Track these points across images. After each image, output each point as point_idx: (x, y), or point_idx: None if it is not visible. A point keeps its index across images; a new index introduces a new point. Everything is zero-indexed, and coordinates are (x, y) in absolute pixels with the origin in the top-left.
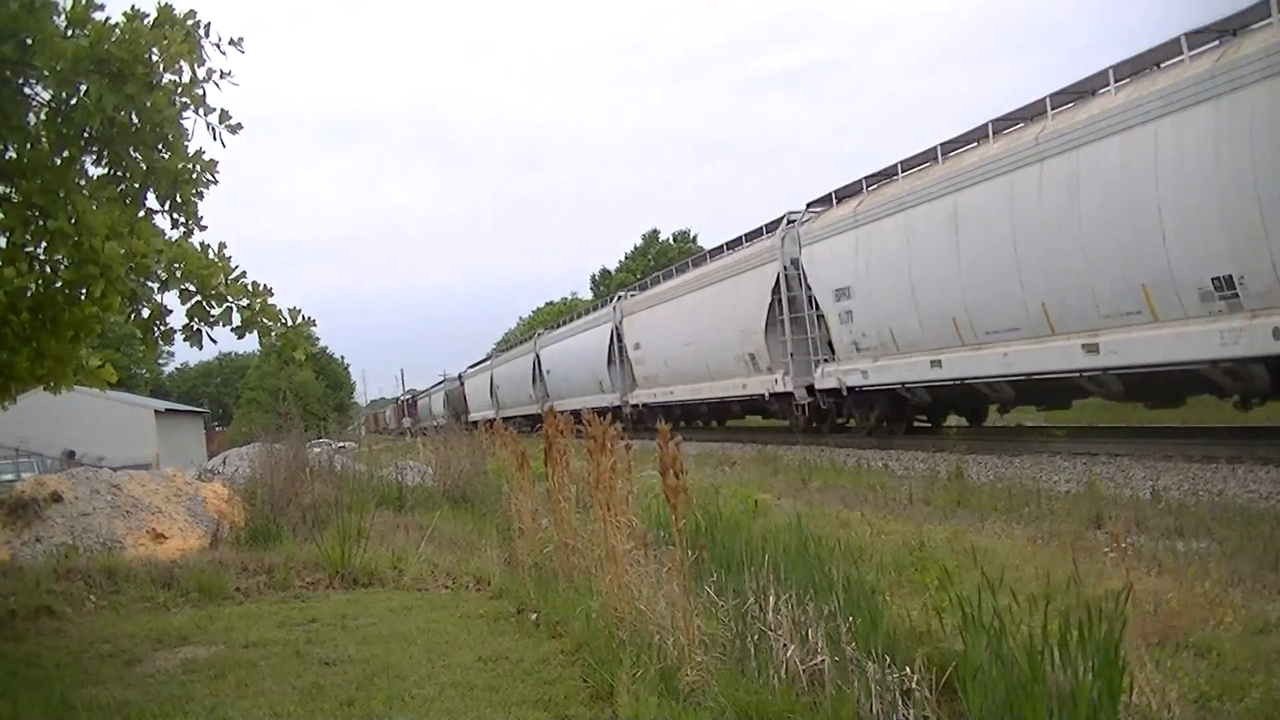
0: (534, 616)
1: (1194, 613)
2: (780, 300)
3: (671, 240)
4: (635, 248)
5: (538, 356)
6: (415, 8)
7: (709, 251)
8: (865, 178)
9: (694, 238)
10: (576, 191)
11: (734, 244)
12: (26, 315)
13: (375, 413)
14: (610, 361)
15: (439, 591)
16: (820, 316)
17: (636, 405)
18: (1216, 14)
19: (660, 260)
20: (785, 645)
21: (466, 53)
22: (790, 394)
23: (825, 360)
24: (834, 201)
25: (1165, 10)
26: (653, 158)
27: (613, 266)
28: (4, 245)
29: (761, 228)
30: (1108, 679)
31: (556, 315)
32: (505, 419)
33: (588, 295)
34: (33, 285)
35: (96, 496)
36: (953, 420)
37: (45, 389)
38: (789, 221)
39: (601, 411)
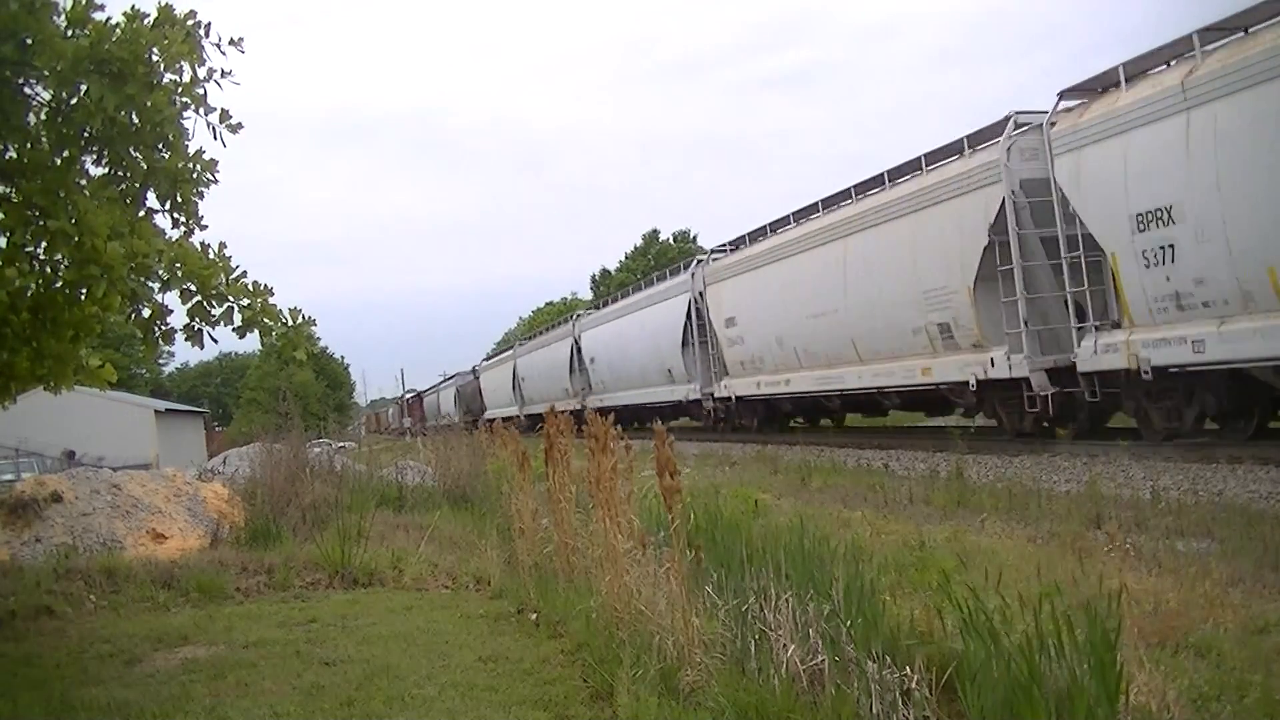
0: (534, 616)
1: (1194, 612)
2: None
3: (672, 240)
4: (635, 248)
5: (577, 342)
6: (415, 9)
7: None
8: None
9: (694, 238)
10: (576, 192)
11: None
12: (27, 315)
13: (377, 412)
14: (686, 344)
15: (439, 591)
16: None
17: (727, 398)
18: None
19: (660, 260)
20: (785, 645)
21: (467, 54)
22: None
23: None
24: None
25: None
26: (653, 158)
27: (613, 267)
28: (4, 245)
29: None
30: (1104, 679)
31: (556, 315)
32: (531, 416)
33: (588, 295)
34: (33, 285)
35: (96, 496)
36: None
37: (45, 389)
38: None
39: (672, 407)
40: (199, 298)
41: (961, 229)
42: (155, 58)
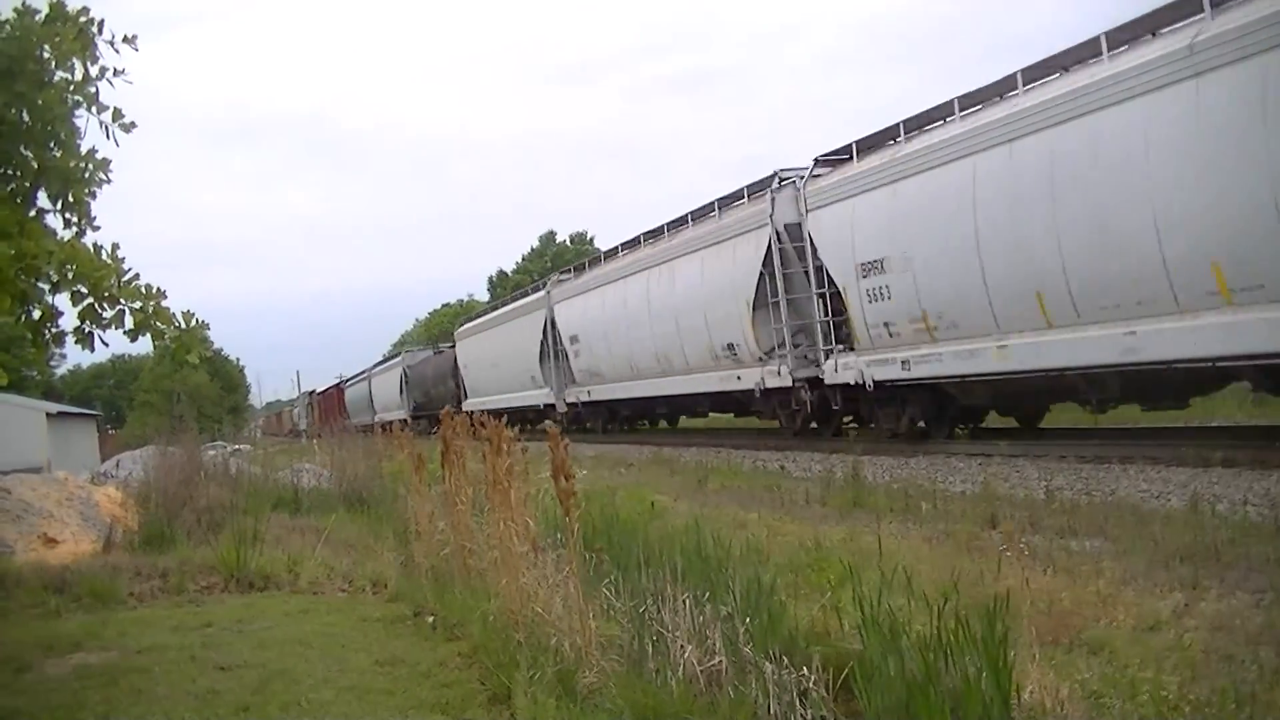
0: (431, 619)
1: (1087, 611)
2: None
3: (569, 242)
4: (532, 249)
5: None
6: (306, 9)
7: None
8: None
9: (591, 239)
10: (472, 194)
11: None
12: None
13: (278, 413)
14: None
15: (335, 595)
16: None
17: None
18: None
19: (557, 262)
20: (683, 646)
21: (359, 56)
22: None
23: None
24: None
25: (1055, 18)
26: (548, 161)
27: (510, 269)
28: None
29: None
30: (997, 678)
31: (453, 318)
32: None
33: (484, 297)
34: None
35: None
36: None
37: None
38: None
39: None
40: (90, 300)
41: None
42: (46, 55)
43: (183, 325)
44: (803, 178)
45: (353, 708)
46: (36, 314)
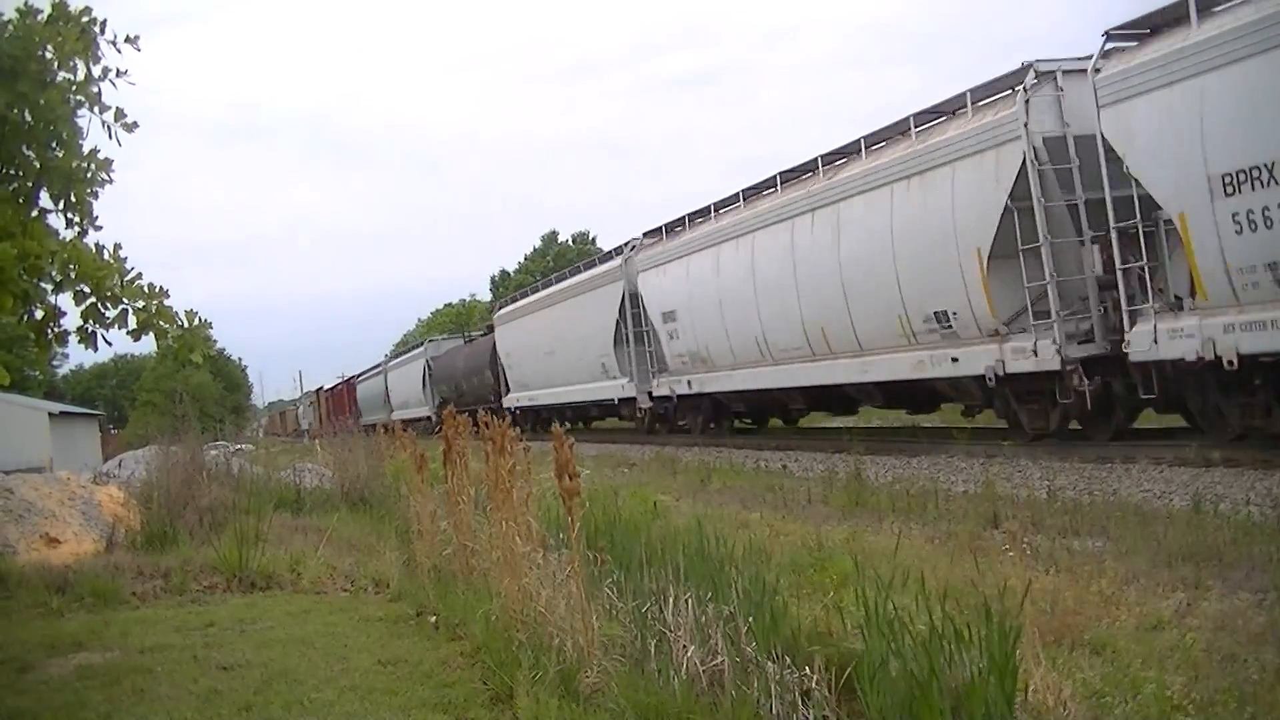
0: (433, 619)
1: (1089, 611)
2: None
3: (571, 242)
4: (534, 249)
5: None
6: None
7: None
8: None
9: (593, 239)
10: (475, 194)
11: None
12: None
13: (282, 412)
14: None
15: (337, 594)
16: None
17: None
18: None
19: (560, 261)
20: (685, 646)
21: (362, 56)
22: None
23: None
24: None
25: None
26: (551, 161)
27: (512, 268)
28: None
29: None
30: (1001, 677)
31: (455, 318)
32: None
33: (487, 297)
34: None
35: None
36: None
37: None
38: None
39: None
40: (93, 300)
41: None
42: (49, 55)
43: (185, 324)
44: (1089, 62)
45: (355, 707)
46: (39, 314)
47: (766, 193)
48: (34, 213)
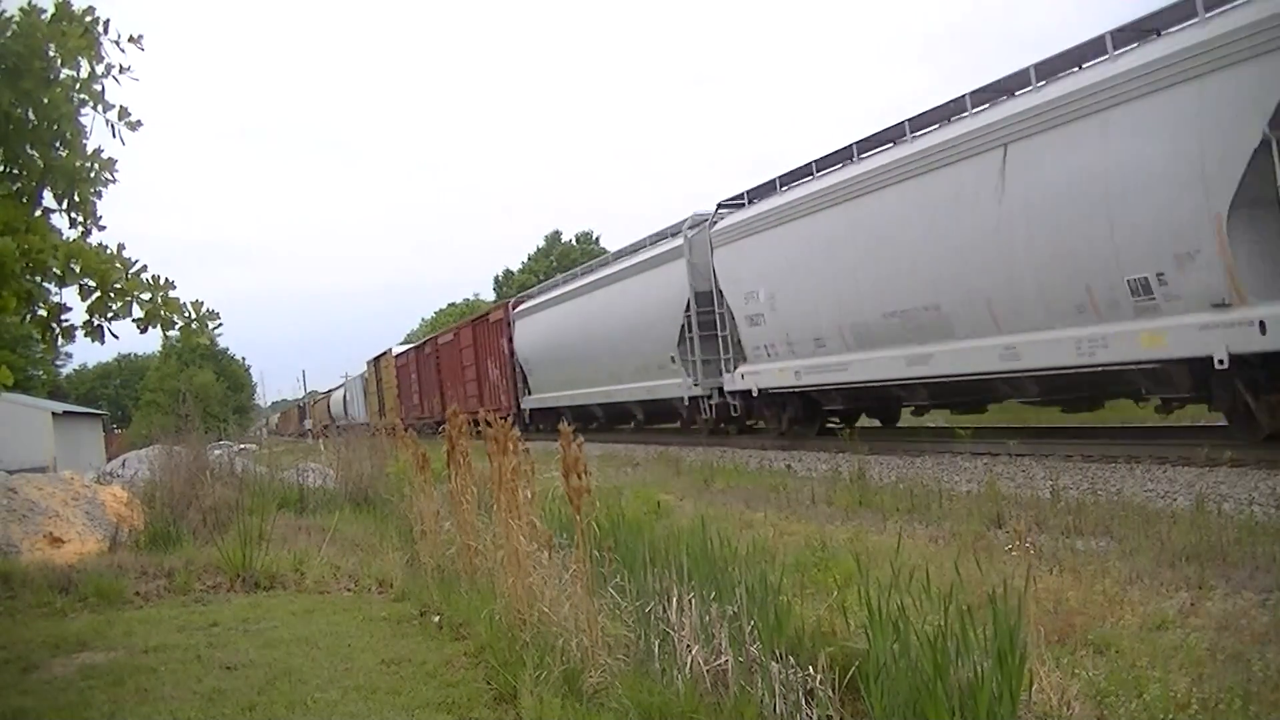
0: (437, 619)
1: (1093, 610)
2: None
3: (574, 241)
4: (538, 248)
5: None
6: (318, 10)
7: None
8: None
9: (596, 239)
10: (477, 194)
11: None
12: None
13: (302, 405)
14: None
15: (341, 594)
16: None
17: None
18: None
19: (562, 261)
20: (689, 646)
21: (369, 56)
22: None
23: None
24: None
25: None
26: (553, 161)
27: (515, 268)
28: None
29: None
30: (1007, 676)
31: (458, 317)
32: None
33: (490, 297)
34: None
35: None
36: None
37: None
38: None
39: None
40: (98, 293)
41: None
42: (52, 53)
43: (192, 314)
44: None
45: (359, 707)
46: (43, 312)
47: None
48: (37, 212)
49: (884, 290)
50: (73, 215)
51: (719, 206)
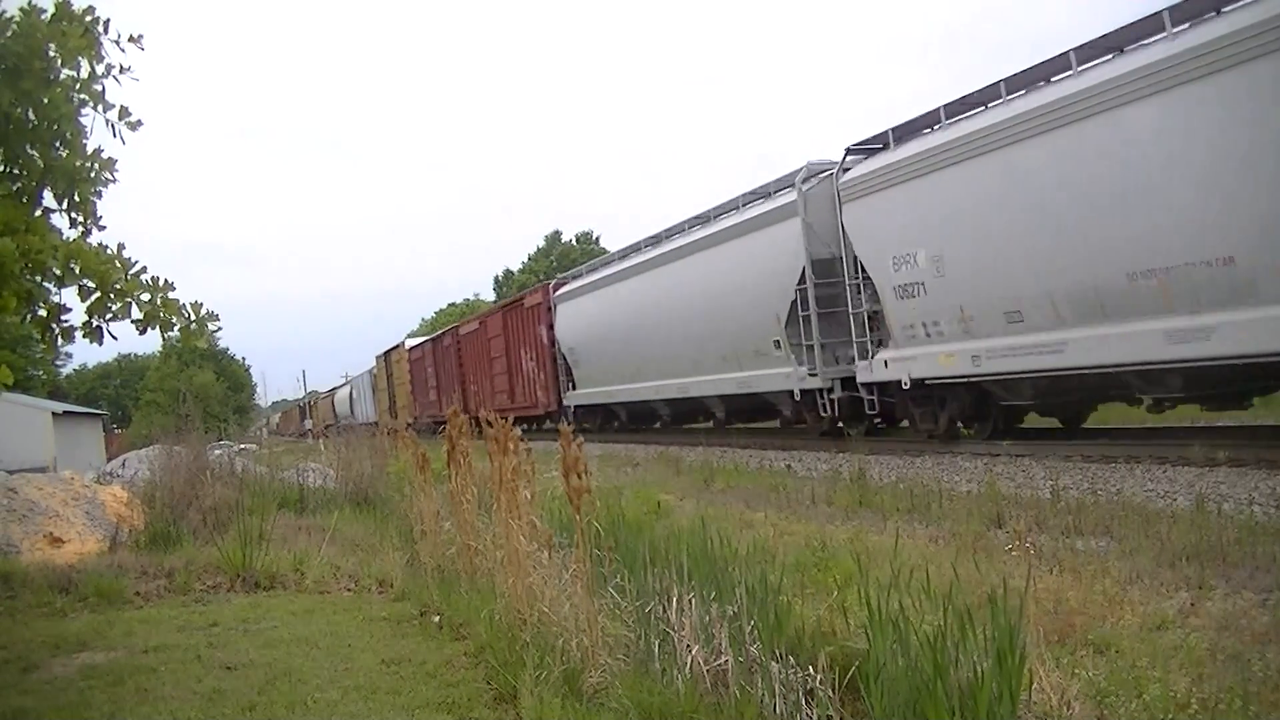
0: (437, 619)
1: (1093, 610)
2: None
3: (574, 241)
4: (538, 249)
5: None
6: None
7: None
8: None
9: (597, 239)
10: (477, 194)
11: None
12: None
13: (286, 410)
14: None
15: (341, 594)
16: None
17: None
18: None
19: (562, 261)
20: (689, 646)
21: (369, 56)
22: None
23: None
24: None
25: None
26: (554, 161)
27: (515, 268)
28: None
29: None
30: (1007, 676)
31: (458, 317)
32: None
33: (490, 298)
34: None
35: None
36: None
37: None
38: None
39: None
40: (98, 294)
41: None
42: (52, 53)
43: (191, 315)
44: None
45: (359, 707)
46: (43, 312)
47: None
48: (38, 212)
49: (1132, 242)
50: (73, 215)
51: (848, 152)
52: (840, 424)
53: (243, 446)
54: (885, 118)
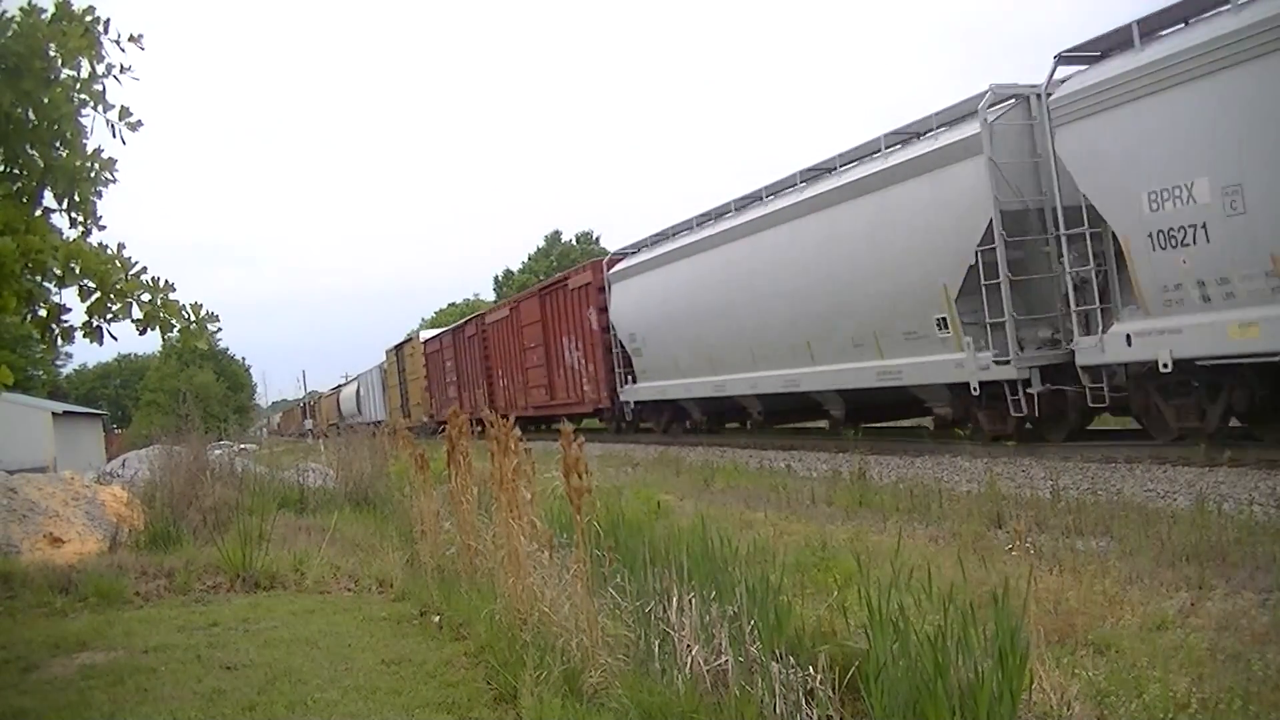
0: (437, 619)
1: (1093, 610)
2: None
3: (574, 241)
4: (538, 248)
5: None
6: (319, 10)
7: None
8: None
9: (597, 239)
10: (477, 194)
11: None
12: None
13: (300, 405)
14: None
15: (341, 594)
16: None
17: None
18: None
19: (562, 261)
20: (689, 646)
21: (368, 54)
22: None
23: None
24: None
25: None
26: (554, 160)
27: (515, 268)
28: None
29: None
30: (1008, 675)
31: (458, 317)
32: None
33: (490, 297)
34: None
35: None
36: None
37: None
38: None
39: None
40: (98, 294)
41: None
42: (52, 53)
43: (191, 316)
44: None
45: (359, 707)
46: (43, 312)
47: None
48: (38, 212)
49: None
50: (73, 215)
51: (1059, 60)
52: (1030, 425)
53: (243, 446)
54: (885, 118)
